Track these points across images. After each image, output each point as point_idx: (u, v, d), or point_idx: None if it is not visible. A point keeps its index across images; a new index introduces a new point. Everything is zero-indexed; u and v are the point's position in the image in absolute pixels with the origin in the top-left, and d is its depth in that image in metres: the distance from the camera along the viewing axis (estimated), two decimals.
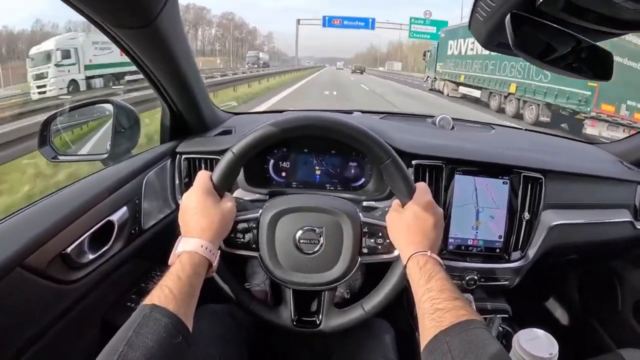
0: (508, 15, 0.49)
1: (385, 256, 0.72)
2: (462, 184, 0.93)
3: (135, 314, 0.51)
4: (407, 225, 0.66)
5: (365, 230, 0.72)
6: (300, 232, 0.71)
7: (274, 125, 0.68)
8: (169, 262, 0.61)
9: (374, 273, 0.79)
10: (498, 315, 0.94)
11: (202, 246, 0.61)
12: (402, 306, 1.03)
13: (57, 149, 0.96)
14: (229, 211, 0.67)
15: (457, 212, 0.93)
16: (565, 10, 0.49)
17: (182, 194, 0.97)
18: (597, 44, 0.54)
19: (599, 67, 0.54)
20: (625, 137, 1.25)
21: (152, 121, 2.40)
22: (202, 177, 0.67)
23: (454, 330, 0.50)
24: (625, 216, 1.02)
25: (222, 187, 0.68)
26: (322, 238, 0.71)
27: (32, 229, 0.63)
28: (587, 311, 1.25)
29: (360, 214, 0.73)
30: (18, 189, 3.19)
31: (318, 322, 0.74)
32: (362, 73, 40.19)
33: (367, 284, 1.10)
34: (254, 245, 0.72)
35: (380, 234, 0.72)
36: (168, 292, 0.53)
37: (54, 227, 0.65)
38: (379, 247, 0.72)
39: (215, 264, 0.63)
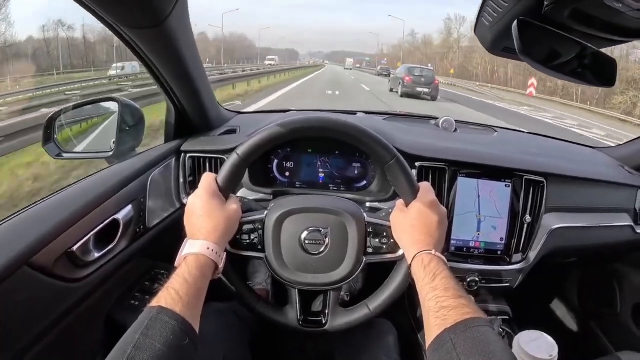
0: (515, 21, 0.50)
1: (389, 256, 0.72)
2: (464, 186, 0.93)
3: (143, 316, 0.50)
4: (411, 224, 0.67)
5: (370, 230, 0.72)
6: (305, 232, 0.71)
7: (278, 127, 0.68)
8: (175, 264, 0.61)
9: (375, 276, 0.79)
10: (499, 317, 0.95)
11: (208, 248, 0.61)
12: (403, 306, 1.03)
13: (62, 146, 0.96)
14: (235, 213, 0.67)
15: (459, 219, 0.93)
16: (571, 17, 0.50)
17: (186, 193, 0.97)
18: (601, 50, 0.54)
19: (603, 73, 0.55)
20: (626, 142, 1.25)
21: None
22: (208, 179, 0.67)
23: (459, 328, 0.50)
24: (625, 220, 1.03)
25: (228, 189, 0.68)
26: (327, 238, 0.71)
27: (39, 227, 0.63)
28: (587, 313, 1.26)
29: (365, 214, 0.74)
30: None
31: (324, 322, 0.74)
32: (434, 99, 13.95)
33: (367, 286, 1.10)
34: (259, 247, 0.72)
35: (384, 234, 0.72)
36: (175, 294, 0.53)
37: (60, 225, 0.65)
38: (384, 246, 0.72)
39: (221, 266, 0.63)
